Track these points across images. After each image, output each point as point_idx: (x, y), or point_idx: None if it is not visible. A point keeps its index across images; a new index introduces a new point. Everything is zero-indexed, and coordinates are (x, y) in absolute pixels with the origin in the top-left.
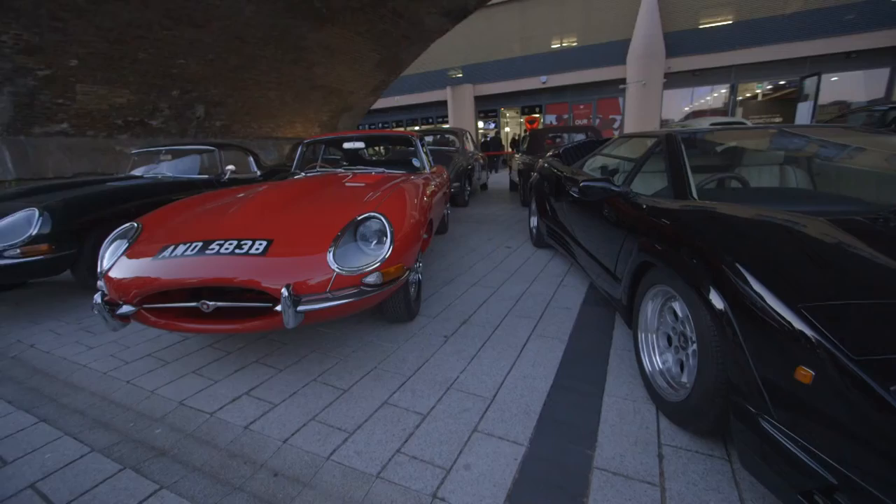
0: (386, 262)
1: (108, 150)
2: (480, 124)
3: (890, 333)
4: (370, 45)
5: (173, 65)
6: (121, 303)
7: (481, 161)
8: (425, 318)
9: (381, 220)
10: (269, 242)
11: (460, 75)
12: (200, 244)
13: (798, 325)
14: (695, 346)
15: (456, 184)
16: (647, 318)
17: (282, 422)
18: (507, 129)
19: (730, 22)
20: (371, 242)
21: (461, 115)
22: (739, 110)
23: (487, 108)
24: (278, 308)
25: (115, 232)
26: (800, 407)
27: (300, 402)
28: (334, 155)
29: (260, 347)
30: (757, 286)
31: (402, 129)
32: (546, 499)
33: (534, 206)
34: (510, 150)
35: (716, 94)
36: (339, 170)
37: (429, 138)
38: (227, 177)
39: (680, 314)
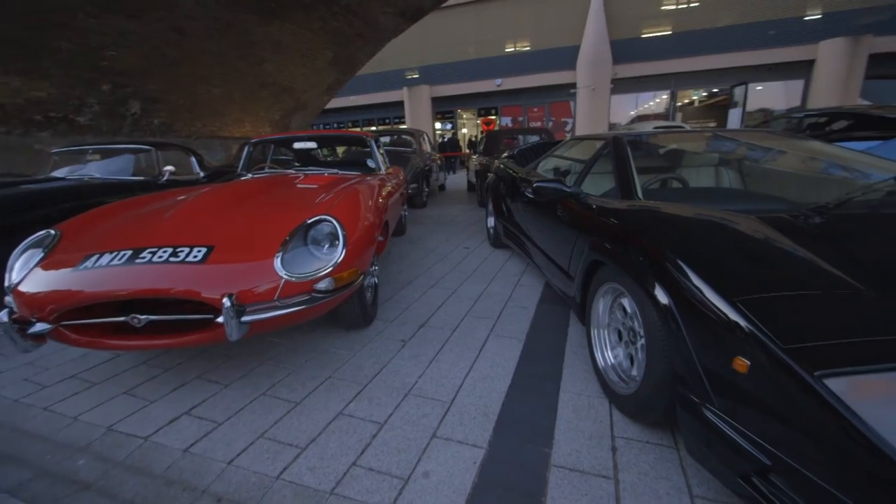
0: (338, 267)
1: (26, 149)
2: (437, 125)
3: (814, 322)
4: (323, 42)
5: (102, 57)
6: (33, 320)
7: (439, 162)
8: (382, 323)
9: (332, 222)
10: (210, 249)
11: (416, 76)
12: (130, 252)
13: (734, 317)
14: (643, 340)
15: (413, 185)
16: (598, 314)
17: (226, 441)
18: (464, 131)
19: (668, 33)
20: (323, 246)
21: (418, 115)
22: (679, 115)
23: (444, 109)
24: (220, 319)
25: (26, 241)
26: (738, 395)
27: (247, 419)
28: (285, 156)
29: (202, 362)
30: (697, 281)
31: (357, 129)
32: (505, 501)
33: (490, 206)
34: (467, 151)
35: (658, 100)
36: (290, 171)
37: (385, 139)
38: (165, 178)
39: (629, 310)
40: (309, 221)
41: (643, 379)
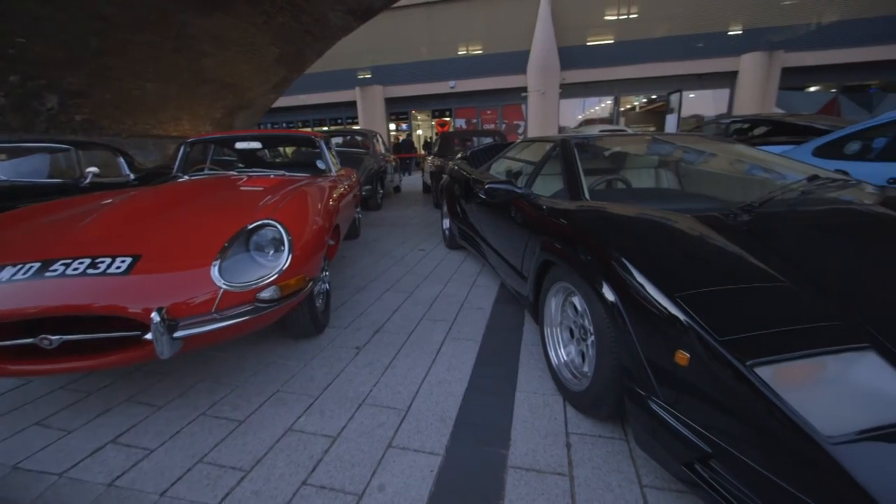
0: (284, 274)
1: None
2: (392, 126)
3: (745, 315)
4: (268, 38)
5: (10, 44)
6: None
7: (393, 163)
8: (335, 330)
9: (276, 227)
10: (136, 258)
11: (369, 76)
12: (38, 265)
13: (674, 312)
14: (593, 337)
15: (367, 187)
16: (551, 313)
17: (160, 470)
18: (419, 132)
19: (611, 42)
20: (267, 253)
21: (372, 116)
22: (622, 120)
23: (398, 110)
24: (148, 336)
25: None
26: (680, 386)
27: (184, 443)
28: (229, 156)
29: (132, 382)
30: (640, 279)
31: (308, 129)
32: None
33: (445, 208)
34: (423, 152)
35: (603, 105)
36: (231, 172)
37: (337, 139)
38: (87, 181)
39: (579, 308)
40: (250, 226)
41: (594, 375)
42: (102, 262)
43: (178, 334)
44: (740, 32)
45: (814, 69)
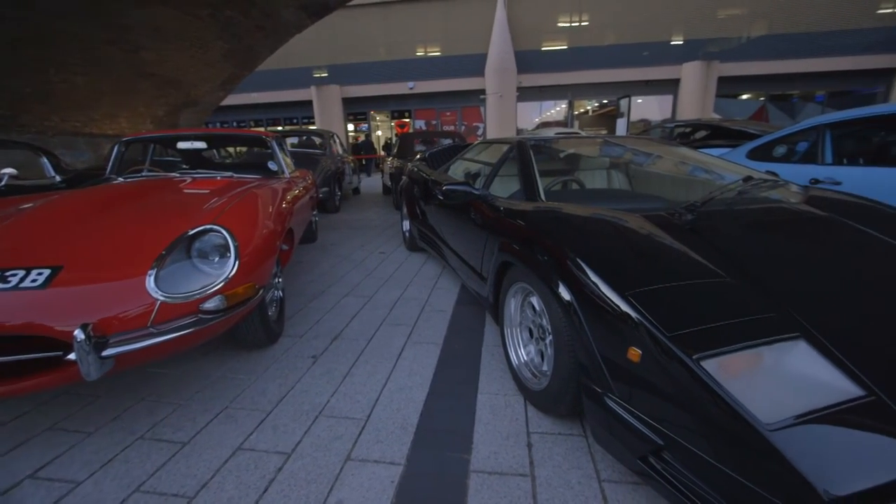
0: (231, 283)
1: None
2: (350, 127)
3: (691, 309)
4: (215, 32)
5: None
6: None
7: (352, 164)
8: (290, 339)
9: (221, 232)
10: (56, 270)
11: (325, 75)
12: None
13: (626, 309)
14: (551, 336)
15: (324, 189)
16: (510, 313)
17: None
18: (378, 133)
19: (565, 48)
20: (212, 260)
21: (329, 116)
22: (577, 123)
23: (356, 110)
24: (72, 356)
25: None
26: (633, 382)
27: (118, 472)
28: (173, 157)
29: (57, 407)
30: (594, 277)
31: (261, 129)
32: None
33: (405, 209)
34: (382, 153)
35: (558, 108)
36: (173, 174)
37: (293, 140)
38: (3, 183)
39: (537, 308)
40: (191, 232)
41: (552, 373)
42: (14, 274)
43: (107, 353)
44: (682, 43)
45: (745, 79)
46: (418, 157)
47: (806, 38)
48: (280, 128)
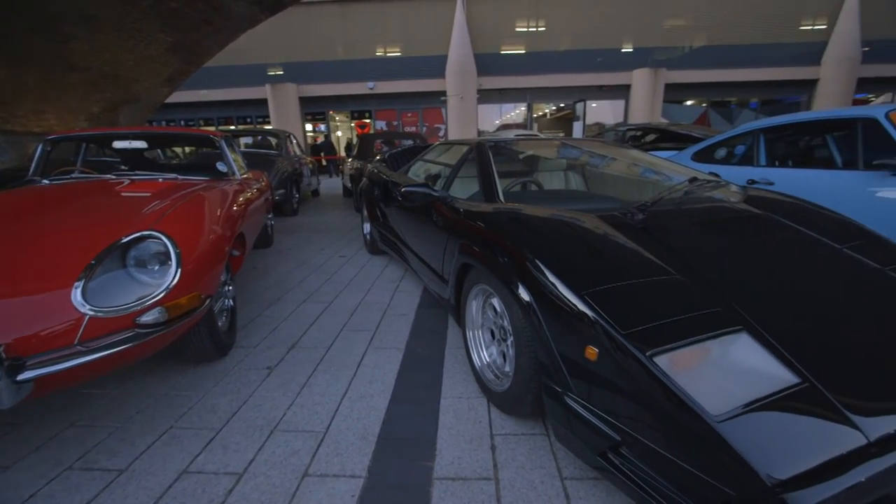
0: (172, 293)
1: None
2: (308, 127)
3: (644, 307)
4: (158, 24)
5: None
6: None
7: (310, 165)
8: (243, 350)
9: (161, 239)
10: None
11: (281, 72)
12: None
13: (583, 308)
14: (512, 337)
15: (281, 191)
16: (472, 315)
17: None
18: (338, 133)
19: (523, 52)
20: (151, 269)
21: (285, 115)
22: (536, 125)
23: (314, 110)
24: None
25: None
26: (591, 380)
27: None
28: (111, 157)
29: None
30: (552, 278)
31: (212, 128)
32: None
33: (365, 212)
34: (342, 154)
35: (518, 111)
36: (109, 176)
37: (247, 140)
38: None
39: (498, 309)
40: (126, 239)
41: (514, 374)
42: None
43: (24, 376)
44: (631, 51)
45: (689, 86)
46: (378, 158)
47: (741, 50)
48: (232, 127)
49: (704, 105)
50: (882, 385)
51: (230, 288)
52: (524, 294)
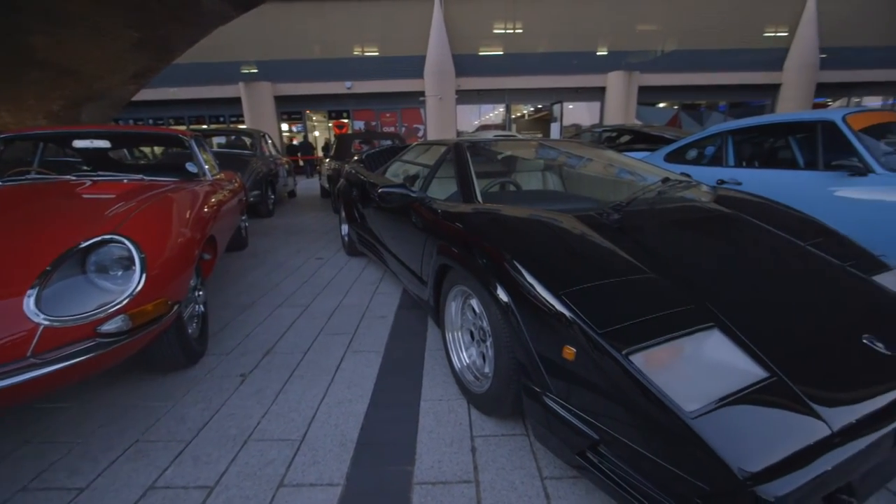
0: (137, 300)
1: None
2: (285, 126)
3: (620, 306)
4: (124, 19)
5: None
6: None
7: (286, 166)
8: (215, 358)
9: (124, 243)
10: None
11: (255, 70)
12: None
13: (561, 309)
14: (491, 338)
15: (255, 192)
16: (451, 316)
17: None
18: (316, 133)
19: (500, 53)
20: (114, 275)
21: (260, 115)
22: (514, 126)
23: (291, 109)
24: None
25: None
26: (569, 380)
27: None
28: (72, 157)
29: None
30: (530, 279)
31: (182, 127)
32: None
33: (343, 213)
34: (319, 154)
35: (496, 112)
36: (69, 177)
37: (220, 140)
38: None
39: (477, 310)
40: (85, 244)
41: (494, 375)
42: None
43: None
44: (606, 54)
45: (661, 88)
46: (355, 158)
47: (710, 55)
48: (204, 126)
49: (676, 107)
50: (843, 376)
51: (201, 293)
52: (502, 295)
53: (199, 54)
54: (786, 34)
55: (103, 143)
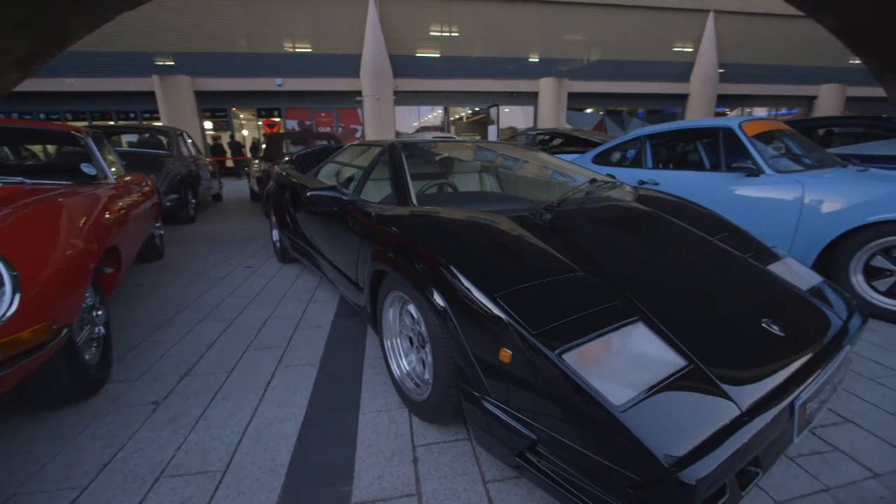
0: (8, 326)
1: None
2: (209, 125)
3: (552, 306)
4: None
5: None
6: None
7: (210, 167)
8: (120, 385)
9: None
10: None
11: (171, 63)
12: None
13: (496, 311)
14: (429, 344)
15: (173, 196)
16: (389, 323)
17: None
18: (244, 132)
19: (437, 56)
20: None
21: (178, 111)
22: (453, 128)
23: (215, 106)
24: None
25: None
26: (507, 382)
27: None
28: None
29: None
30: (466, 282)
31: (83, 123)
32: None
33: (274, 217)
34: (248, 155)
35: (435, 114)
36: None
37: (131, 138)
38: None
39: (415, 316)
40: None
41: (433, 381)
42: None
43: None
44: (538, 60)
45: (588, 95)
46: (286, 159)
47: (629, 65)
48: (111, 123)
49: (601, 113)
50: (747, 358)
51: (101, 312)
52: (439, 300)
53: (105, 42)
54: (691, 49)
55: None
